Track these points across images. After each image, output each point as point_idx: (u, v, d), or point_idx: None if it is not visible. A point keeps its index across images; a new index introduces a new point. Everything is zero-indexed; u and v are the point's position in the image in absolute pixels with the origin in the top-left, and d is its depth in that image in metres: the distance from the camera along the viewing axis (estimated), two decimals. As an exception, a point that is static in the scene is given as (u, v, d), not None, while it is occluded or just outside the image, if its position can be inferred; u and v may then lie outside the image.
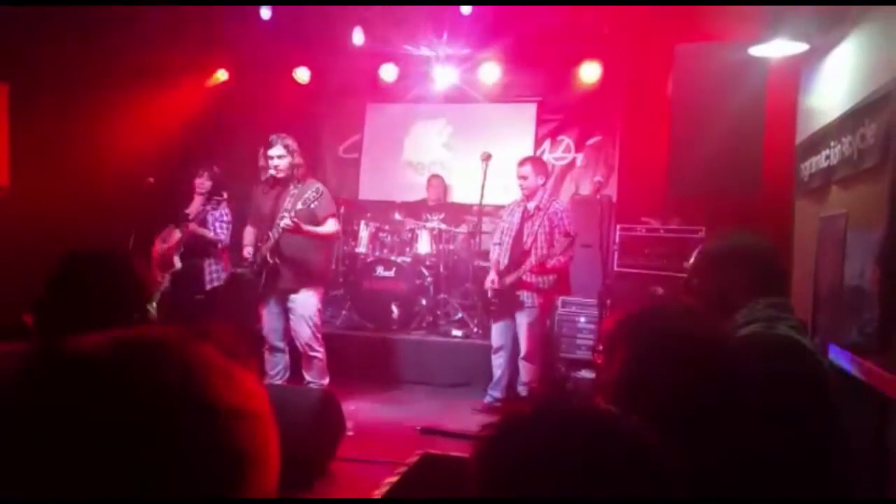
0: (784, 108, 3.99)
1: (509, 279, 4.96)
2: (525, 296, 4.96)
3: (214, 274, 5.32)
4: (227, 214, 5.34)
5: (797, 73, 3.97)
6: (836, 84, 3.37)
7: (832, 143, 3.15)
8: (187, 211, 5.39)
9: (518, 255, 4.99)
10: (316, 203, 4.47)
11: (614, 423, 0.79)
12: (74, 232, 5.34)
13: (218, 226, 5.30)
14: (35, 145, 5.30)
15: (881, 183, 2.62)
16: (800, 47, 3.22)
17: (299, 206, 4.45)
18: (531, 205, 5.06)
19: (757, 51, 3.29)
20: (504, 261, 5.07)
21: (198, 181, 5.39)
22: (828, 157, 3.21)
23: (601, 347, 1.39)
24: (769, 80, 3.59)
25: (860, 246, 2.81)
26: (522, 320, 4.99)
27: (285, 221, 4.38)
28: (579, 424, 0.77)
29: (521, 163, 5.12)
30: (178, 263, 5.23)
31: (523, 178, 5.03)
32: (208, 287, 5.29)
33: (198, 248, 5.25)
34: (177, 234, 5.28)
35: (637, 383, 1.20)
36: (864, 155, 2.78)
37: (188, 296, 5.20)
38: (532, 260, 4.87)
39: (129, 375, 0.57)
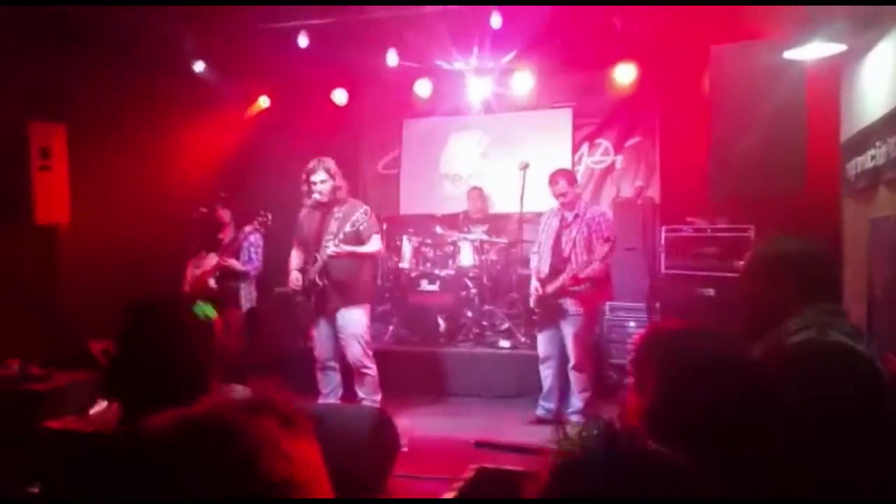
0: (826, 106, 3.92)
1: (550, 288, 4.91)
2: (568, 304, 4.89)
3: (249, 296, 5.83)
4: (259, 240, 5.73)
5: (838, 71, 3.89)
6: (877, 83, 3.31)
7: (877, 144, 3.09)
8: (221, 236, 5.81)
9: (558, 262, 4.94)
10: (364, 224, 4.59)
11: (664, 467, 0.83)
12: (133, 265, 5.59)
13: (252, 251, 5.73)
14: (92, 182, 5.55)
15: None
16: (837, 48, 3.16)
17: (348, 228, 4.55)
18: (570, 214, 5.02)
19: (793, 54, 3.25)
20: (544, 269, 5.02)
21: (218, 213, 5.88)
22: (873, 158, 3.15)
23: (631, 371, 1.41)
24: (809, 79, 3.52)
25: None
26: (568, 329, 4.94)
27: (332, 248, 4.51)
28: (631, 471, 0.82)
29: (554, 180, 5.01)
30: (212, 284, 5.61)
31: (562, 194, 4.98)
32: (244, 309, 5.73)
33: (231, 273, 5.68)
34: (213, 259, 5.67)
35: (671, 411, 1.23)
36: (911, 154, 2.73)
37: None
38: (573, 266, 4.83)
39: (198, 461, 0.67)
